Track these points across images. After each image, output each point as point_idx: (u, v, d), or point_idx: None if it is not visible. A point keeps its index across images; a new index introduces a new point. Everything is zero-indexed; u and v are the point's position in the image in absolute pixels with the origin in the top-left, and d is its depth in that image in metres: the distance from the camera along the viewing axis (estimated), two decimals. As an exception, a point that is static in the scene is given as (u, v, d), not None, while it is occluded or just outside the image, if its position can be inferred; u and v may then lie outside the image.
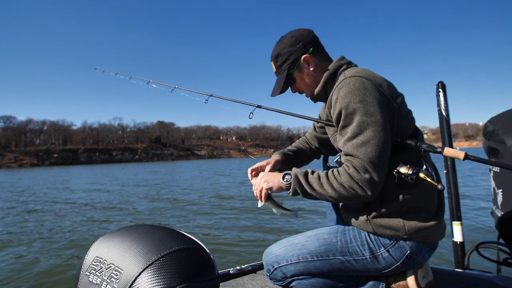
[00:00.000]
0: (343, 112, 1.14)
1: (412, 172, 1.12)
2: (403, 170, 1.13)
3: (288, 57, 1.33)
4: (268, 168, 1.43)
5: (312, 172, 1.20)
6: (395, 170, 1.14)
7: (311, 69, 1.33)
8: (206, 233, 5.69)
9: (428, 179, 1.12)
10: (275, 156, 1.54)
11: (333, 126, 1.30)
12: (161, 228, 0.82)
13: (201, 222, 6.76)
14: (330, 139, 1.40)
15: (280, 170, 1.47)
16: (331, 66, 1.31)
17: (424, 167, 1.14)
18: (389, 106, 1.15)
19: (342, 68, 1.29)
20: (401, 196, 1.18)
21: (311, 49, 1.32)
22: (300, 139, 1.71)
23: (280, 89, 1.36)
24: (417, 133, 1.26)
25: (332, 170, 1.15)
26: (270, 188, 1.27)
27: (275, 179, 1.26)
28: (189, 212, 8.01)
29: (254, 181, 1.36)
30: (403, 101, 1.22)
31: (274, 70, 1.41)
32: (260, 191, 1.30)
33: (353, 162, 1.10)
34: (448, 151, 1.17)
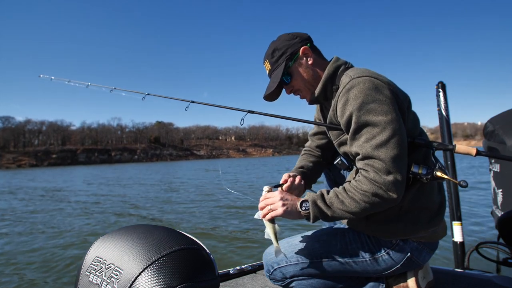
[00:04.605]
0: (355, 113, 1.07)
1: (427, 172, 1.09)
2: (417, 170, 1.10)
3: (286, 50, 1.25)
4: (294, 180, 1.31)
5: (328, 192, 1.12)
6: (410, 171, 1.10)
7: (310, 62, 1.27)
8: (206, 233, 5.68)
9: (446, 177, 1.08)
10: (293, 172, 1.40)
11: (337, 129, 1.24)
12: (161, 228, 0.82)
13: (201, 222, 6.75)
14: (334, 142, 1.32)
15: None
16: (329, 66, 1.25)
17: (438, 165, 1.11)
18: (399, 105, 1.11)
19: (341, 69, 1.23)
20: (404, 198, 1.13)
21: (309, 44, 1.28)
22: (304, 154, 1.56)
23: (275, 86, 1.25)
24: (423, 134, 1.24)
25: (349, 182, 1.09)
26: (286, 215, 1.12)
27: (293, 205, 1.13)
28: (189, 212, 8.00)
29: (268, 196, 1.18)
30: (410, 101, 1.19)
31: (269, 68, 1.31)
32: (270, 211, 1.14)
33: (373, 165, 1.03)
34: (460, 148, 1.16)
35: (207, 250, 0.78)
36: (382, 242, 1.22)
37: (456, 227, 2.28)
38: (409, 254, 1.22)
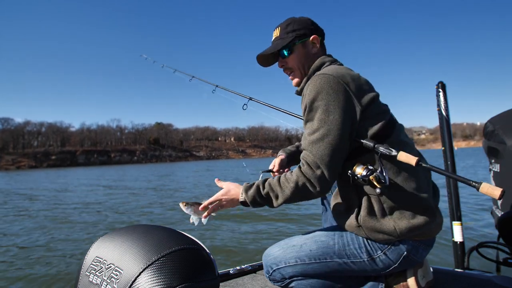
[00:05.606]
0: (307, 107, 1.16)
1: (366, 174, 1.09)
2: (359, 170, 1.11)
3: (300, 29, 1.32)
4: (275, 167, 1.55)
5: (264, 184, 1.19)
6: (350, 171, 1.12)
7: (313, 52, 1.34)
8: (205, 233, 5.68)
9: (374, 183, 1.07)
10: (280, 155, 1.60)
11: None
12: (161, 228, 0.82)
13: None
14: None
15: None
16: (317, 61, 1.31)
17: (379, 169, 1.10)
18: (352, 105, 1.13)
19: (325, 65, 1.29)
20: (383, 197, 1.15)
21: (321, 37, 1.37)
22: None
23: (271, 51, 1.33)
24: (391, 131, 1.21)
25: (285, 174, 1.17)
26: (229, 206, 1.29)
27: (233, 200, 1.26)
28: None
29: (211, 201, 1.32)
30: (373, 100, 1.18)
31: (276, 35, 1.36)
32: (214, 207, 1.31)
33: (307, 159, 1.12)
34: (401, 156, 1.10)
35: (207, 250, 0.78)
36: (379, 243, 1.21)
37: (456, 227, 2.27)
38: (405, 252, 1.21)
